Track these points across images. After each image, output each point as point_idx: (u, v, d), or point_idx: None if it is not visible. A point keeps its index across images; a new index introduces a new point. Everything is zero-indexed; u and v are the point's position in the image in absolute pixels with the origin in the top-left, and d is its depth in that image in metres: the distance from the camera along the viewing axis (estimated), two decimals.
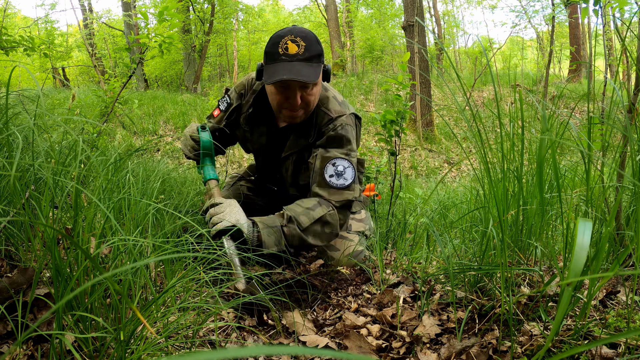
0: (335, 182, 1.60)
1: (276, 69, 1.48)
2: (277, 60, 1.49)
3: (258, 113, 1.80)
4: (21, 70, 9.01)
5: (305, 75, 1.47)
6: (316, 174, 1.63)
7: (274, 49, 1.49)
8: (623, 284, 1.05)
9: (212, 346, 1.04)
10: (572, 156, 2.48)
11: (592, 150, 1.07)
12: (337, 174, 1.60)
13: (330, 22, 15.87)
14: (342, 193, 1.60)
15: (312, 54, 1.50)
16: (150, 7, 15.20)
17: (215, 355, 0.24)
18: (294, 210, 1.55)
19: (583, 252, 0.54)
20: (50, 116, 1.36)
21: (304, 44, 1.48)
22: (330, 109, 1.68)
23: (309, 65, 1.49)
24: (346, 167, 1.60)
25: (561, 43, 17.33)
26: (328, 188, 1.60)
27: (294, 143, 1.75)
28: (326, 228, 1.58)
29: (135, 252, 0.99)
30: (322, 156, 1.63)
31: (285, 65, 1.47)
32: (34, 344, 0.85)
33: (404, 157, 8.43)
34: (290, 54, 1.47)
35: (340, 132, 1.64)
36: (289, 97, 1.55)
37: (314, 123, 1.69)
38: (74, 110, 2.53)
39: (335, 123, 1.65)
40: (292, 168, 1.79)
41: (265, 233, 1.46)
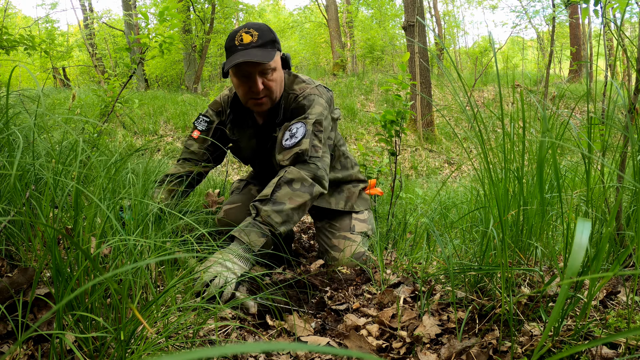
0: (288, 143, 1.64)
1: (233, 58, 1.58)
2: (234, 51, 1.59)
3: (238, 116, 1.86)
4: (21, 70, 9.02)
5: (260, 57, 1.56)
6: (278, 145, 1.68)
7: (231, 43, 1.61)
8: (623, 284, 1.05)
9: (212, 346, 1.04)
10: (572, 156, 2.48)
11: (592, 150, 1.07)
12: (291, 136, 1.65)
13: (331, 22, 15.87)
14: (291, 150, 1.62)
15: (265, 40, 1.60)
16: (150, 7, 15.21)
17: (215, 353, 0.24)
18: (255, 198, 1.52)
19: (581, 251, 0.54)
20: (50, 116, 1.36)
21: (256, 33, 1.60)
22: (296, 88, 1.76)
23: (263, 49, 1.59)
24: (299, 128, 1.65)
25: (562, 43, 17.33)
26: (283, 150, 1.64)
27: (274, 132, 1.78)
28: (295, 184, 1.52)
29: (136, 252, 0.99)
30: (284, 129, 1.69)
31: (241, 52, 1.57)
32: (34, 343, 0.85)
33: (404, 157, 8.43)
34: (244, 43, 1.59)
35: (302, 102, 1.71)
36: (251, 85, 1.63)
37: (281, 106, 1.75)
38: (74, 110, 2.53)
39: (298, 97, 1.73)
40: None
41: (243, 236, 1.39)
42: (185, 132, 8.41)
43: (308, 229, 2.74)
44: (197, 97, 11.12)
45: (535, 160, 0.99)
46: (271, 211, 1.45)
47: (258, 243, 1.40)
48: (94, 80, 16.78)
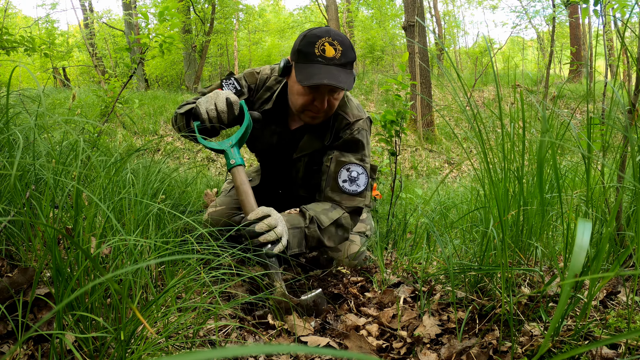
0: (348, 188, 1.60)
1: (313, 71, 1.44)
2: (313, 62, 1.45)
3: (275, 111, 1.73)
4: (22, 70, 9.02)
5: (343, 82, 1.44)
6: (330, 178, 1.62)
7: (310, 49, 1.45)
8: (623, 285, 1.05)
9: (212, 346, 1.04)
10: (572, 156, 2.48)
11: (592, 150, 1.07)
12: (351, 180, 1.60)
13: (331, 22, 15.87)
14: (354, 199, 1.61)
15: (348, 60, 1.47)
16: (150, 7, 15.21)
17: (216, 354, 0.24)
18: (314, 210, 1.53)
19: (582, 252, 0.54)
20: (50, 116, 1.36)
21: (341, 49, 1.45)
22: (349, 113, 1.67)
23: (345, 71, 1.46)
24: (360, 174, 1.61)
25: (562, 43, 17.33)
26: (341, 193, 1.60)
27: (308, 144, 1.71)
28: (339, 231, 1.58)
29: (136, 252, 0.99)
30: (337, 160, 1.62)
31: (322, 68, 1.44)
32: (34, 343, 0.85)
33: (404, 157, 8.43)
34: (327, 57, 1.44)
35: (357, 136, 1.64)
36: (316, 99, 1.52)
37: (331, 125, 1.67)
38: (74, 110, 2.54)
39: (353, 127, 1.65)
40: (303, 169, 1.77)
41: (291, 234, 1.42)
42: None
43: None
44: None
45: (535, 160, 0.99)
46: (316, 237, 1.49)
47: (294, 249, 1.43)
48: (94, 80, 16.78)
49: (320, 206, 1.56)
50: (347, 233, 1.61)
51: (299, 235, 1.45)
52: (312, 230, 1.48)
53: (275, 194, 1.99)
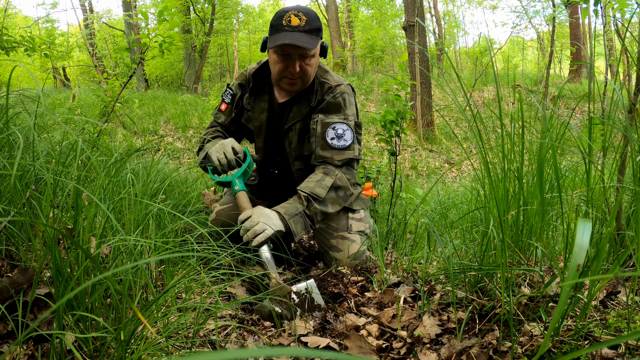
0: (336, 144, 1.75)
1: (279, 37, 1.64)
2: (280, 30, 1.65)
3: (258, 87, 1.92)
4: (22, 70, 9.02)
5: (305, 42, 1.62)
6: (318, 138, 1.77)
7: (279, 22, 1.66)
8: (623, 285, 1.05)
9: (212, 346, 1.04)
10: (572, 156, 2.48)
11: (592, 150, 1.07)
12: (338, 137, 1.75)
13: (331, 22, 15.87)
14: (344, 152, 1.76)
15: (312, 27, 1.67)
16: (150, 7, 15.21)
17: (216, 357, 0.24)
18: (308, 187, 1.66)
19: (582, 253, 0.54)
20: (50, 116, 1.36)
21: (305, 18, 1.66)
22: (329, 79, 1.84)
23: (309, 36, 1.66)
24: (345, 130, 1.76)
25: (562, 43, 17.33)
26: (330, 149, 1.75)
27: (297, 112, 1.85)
28: (340, 192, 1.72)
29: (136, 252, 0.99)
30: (322, 122, 1.77)
31: (288, 34, 1.64)
32: (34, 343, 0.85)
33: (404, 157, 8.43)
34: (292, 25, 1.64)
35: (339, 98, 1.79)
36: (288, 65, 1.70)
37: (314, 91, 1.83)
38: (74, 110, 2.53)
39: (334, 90, 1.81)
40: (296, 138, 1.87)
41: (292, 223, 1.56)
42: (186, 132, 8.41)
43: None
44: (197, 97, 11.12)
45: (536, 160, 0.99)
46: (319, 211, 1.65)
47: (300, 234, 1.58)
48: (94, 80, 16.78)
49: (312, 179, 1.69)
50: (347, 190, 1.75)
51: (300, 219, 1.59)
52: (313, 208, 1.63)
53: (272, 179, 2.05)
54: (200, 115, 9.07)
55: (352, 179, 1.79)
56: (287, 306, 1.28)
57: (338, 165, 1.74)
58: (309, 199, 1.62)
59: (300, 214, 1.59)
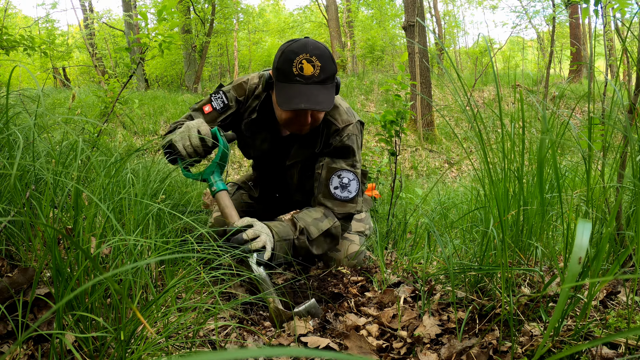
0: (339, 194, 1.61)
1: (291, 93, 1.42)
2: (291, 81, 1.43)
3: (261, 120, 1.74)
4: (22, 70, 9.02)
5: (322, 102, 1.43)
6: (321, 185, 1.63)
7: (288, 68, 1.42)
8: (623, 285, 1.05)
9: (212, 346, 1.04)
10: (572, 156, 2.48)
11: (592, 150, 1.07)
12: (342, 186, 1.61)
13: (331, 22, 15.87)
14: (346, 205, 1.62)
15: (328, 74, 1.44)
16: (150, 7, 15.21)
17: (215, 357, 0.24)
18: (305, 221, 1.54)
19: (582, 253, 0.54)
20: (50, 116, 1.36)
21: (319, 64, 1.42)
22: (337, 119, 1.65)
23: (325, 88, 1.45)
24: (351, 180, 1.62)
25: (562, 43, 17.33)
26: (332, 199, 1.62)
27: (299, 152, 1.73)
28: (328, 240, 1.61)
29: (136, 252, 0.99)
30: (328, 167, 1.63)
31: (301, 88, 1.42)
32: (34, 343, 0.85)
33: (404, 157, 8.43)
34: (305, 75, 1.41)
35: (347, 142, 1.63)
36: (299, 118, 1.52)
37: (320, 132, 1.67)
38: (74, 110, 2.54)
39: (342, 133, 1.64)
40: (297, 176, 1.78)
41: (278, 246, 1.43)
42: None
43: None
44: (197, 97, 11.11)
45: (535, 160, 0.99)
46: (305, 248, 1.53)
47: (278, 258, 1.43)
48: (94, 80, 16.77)
49: (312, 215, 1.58)
50: (336, 242, 1.64)
51: (286, 246, 1.47)
52: (302, 241, 1.52)
53: (273, 198, 2.00)
54: None
55: (345, 231, 1.68)
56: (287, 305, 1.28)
57: (337, 217, 1.62)
58: (303, 231, 1.52)
59: (289, 241, 1.48)
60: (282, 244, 1.45)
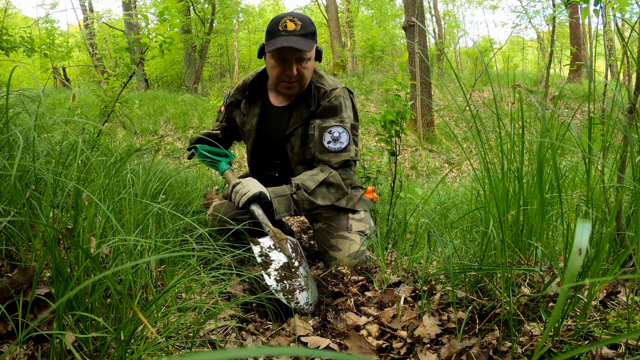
0: (332, 147, 1.82)
1: (276, 41, 1.72)
2: (277, 35, 1.73)
3: (253, 94, 2.00)
4: (22, 70, 9.02)
5: (302, 45, 1.69)
6: (317, 143, 1.84)
7: (275, 27, 1.74)
8: (623, 285, 1.05)
9: (212, 346, 1.04)
10: (572, 156, 2.48)
11: (592, 150, 1.07)
12: (334, 140, 1.82)
13: (331, 22, 15.87)
14: (340, 154, 1.83)
15: (307, 31, 1.74)
16: (150, 8, 15.22)
17: (215, 356, 0.24)
18: (300, 179, 1.74)
19: (579, 257, 0.54)
20: (50, 116, 1.36)
21: (300, 23, 1.73)
22: (324, 84, 1.90)
23: (305, 39, 1.73)
24: (341, 133, 1.83)
25: (562, 43, 17.33)
26: (328, 152, 1.83)
27: (297, 117, 1.90)
28: (331, 188, 1.79)
29: (136, 252, 0.99)
30: (319, 127, 1.84)
31: (284, 38, 1.71)
32: (34, 343, 0.85)
33: (404, 157, 8.43)
34: (288, 29, 1.71)
35: (334, 102, 1.85)
36: (286, 69, 1.77)
37: (312, 95, 1.89)
38: (74, 110, 2.53)
39: (330, 95, 1.87)
40: (299, 142, 1.91)
41: (276, 202, 1.64)
42: (186, 132, 8.41)
43: (308, 229, 2.74)
44: (197, 97, 11.11)
45: (535, 160, 0.99)
46: (306, 199, 1.72)
47: (280, 213, 1.65)
48: (94, 80, 16.77)
49: (307, 174, 1.77)
50: (340, 189, 1.82)
51: (285, 201, 1.67)
52: (300, 195, 1.70)
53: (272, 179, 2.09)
54: (200, 115, 9.07)
55: (347, 179, 1.84)
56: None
57: (335, 167, 1.81)
58: (298, 186, 1.71)
59: (286, 196, 1.68)
60: (280, 200, 1.65)
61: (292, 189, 1.71)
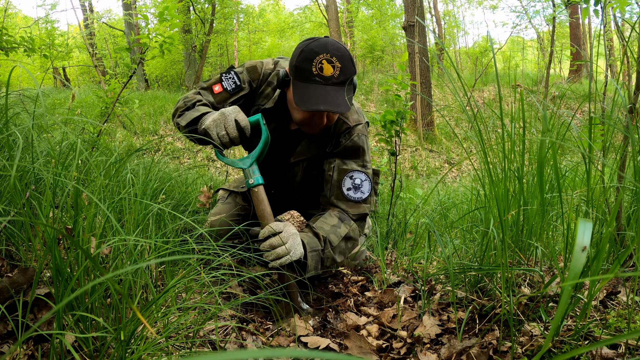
0: (353, 196, 1.59)
1: (310, 93, 1.40)
2: (310, 81, 1.41)
3: (275, 111, 1.68)
4: (21, 70, 9.02)
5: (341, 104, 1.40)
6: (334, 187, 1.60)
7: (307, 67, 1.40)
8: (624, 285, 1.05)
9: (212, 346, 1.04)
10: (572, 156, 2.48)
11: (592, 150, 1.07)
12: (355, 187, 1.59)
13: (331, 22, 15.86)
14: (360, 206, 1.60)
15: (347, 76, 1.42)
16: (150, 7, 15.22)
17: (215, 357, 0.24)
18: (324, 230, 1.50)
19: (582, 254, 0.54)
20: (50, 116, 1.36)
21: (339, 66, 1.40)
22: (349, 117, 1.64)
23: (343, 90, 1.43)
24: (363, 181, 1.60)
25: (562, 43, 17.33)
26: (346, 201, 1.59)
27: (306, 149, 1.69)
28: (349, 243, 1.56)
29: (136, 252, 0.99)
30: (339, 168, 1.61)
31: (319, 89, 1.40)
32: (34, 343, 0.85)
33: (404, 157, 8.43)
34: (325, 76, 1.39)
35: (357, 142, 1.62)
36: (315, 118, 1.50)
37: (331, 131, 1.64)
38: (74, 110, 2.54)
39: (352, 132, 1.62)
40: (301, 174, 1.74)
41: (309, 257, 1.40)
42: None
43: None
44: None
45: (536, 160, 0.99)
46: (330, 258, 1.47)
47: (310, 271, 1.40)
48: (94, 80, 16.78)
49: (328, 222, 1.53)
50: (355, 244, 1.60)
51: (316, 257, 1.42)
52: (327, 252, 1.47)
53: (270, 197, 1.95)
54: None
55: (362, 231, 1.63)
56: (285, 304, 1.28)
57: (353, 219, 1.58)
58: (326, 241, 1.46)
59: (318, 252, 1.43)
60: (312, 256, 1.41)
61: (321, 243, 1.45)
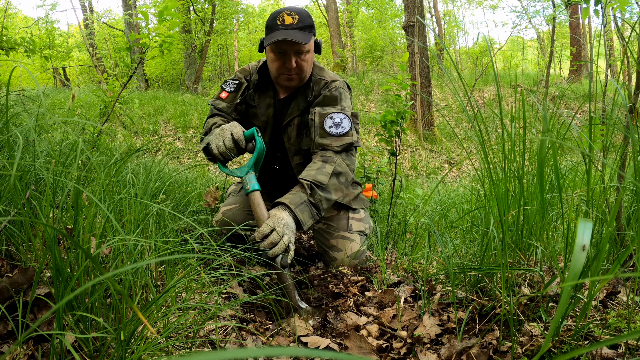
0: (335, 131, 1.80)
1: (274, 35, 1.73)
2: (275, 29, 1.74)
3: (262, 84, 1.98)
4: (21, 70, 9.02)
5: (299, 38, 1.71)
6: (317, 127, 1.82)
7: (273, 22, 1.76)
8: (624, 285, 1.05)
9: (212, 346, 1.04)
10: (572, 156, 2.48)
11: (592, 150, 1.07)
12: (336, 125, 1.80)
13: (331, 22, 15.87)
14: (342, 139, 1.79)
15: (305, 24, 1.75)
16: (150, 7, 15.20)
17: (215, 357, 0.24)
18: (309, 175, 1.65)
19: (582, 254, 0.54)
20: (50, 116, 1.36)
21: (297, 16, 1.75)
22: (325, 76, 1.93)
23: (302, 32, 1.75)
24: (342, 118, 1.82)
25: (562, 43, 17.33)
26: (329, 136, 1.79)
27: (295, 108, 1.91)
28: (341, 178, 1.72)
29: (136, 252, 0.99)
30: (319, 113, 1.84)
31: (282, 31, 1.73)
32: (34, 343, 0.85)
33: (404, 157, 8.43)
34: (286, 23, 1.73)
35: (335, 92, 1.86)
36: (285, 61, 1.78)
37: (311, 87, 1.91)
38: (74, 110, 2.53)
39: (330, 85, 1.88)
40: (295, 133, 1.91)
41: (299, 212, 1.54)
42: (186, 132, 8.41)
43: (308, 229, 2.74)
44: (197, 97, 11.11)
45: (536, 160, 0.99)
46: (324, 198, 1.64)
47: (308, 223, 1.56)
48: (94, 80, 16.77)
49: (312, 168, 1.69)
50: (348, 176, 1.75)
51: (307, 209, 1.58)
52: (317, 195, 1.62)
53: (272, 175, 2.07)
54: (200, 115, 9.06)
55: (351, 165, 1.79)
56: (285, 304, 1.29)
57: (337, 152, 1.75)
58: (312, 186, 1.61)
59: (305, 203, 1.57)
60: (301, 209, 1.56)
61: (307, 191, 1.59)
